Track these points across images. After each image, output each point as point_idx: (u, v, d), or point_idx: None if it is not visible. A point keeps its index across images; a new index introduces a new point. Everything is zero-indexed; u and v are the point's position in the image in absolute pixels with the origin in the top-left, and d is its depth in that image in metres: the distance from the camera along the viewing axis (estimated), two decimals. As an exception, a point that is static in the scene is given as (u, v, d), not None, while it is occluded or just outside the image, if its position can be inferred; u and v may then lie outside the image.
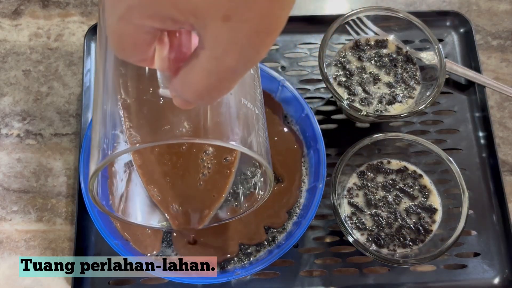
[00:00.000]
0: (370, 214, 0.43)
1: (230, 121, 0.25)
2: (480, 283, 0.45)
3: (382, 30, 0.49)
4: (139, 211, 0.37)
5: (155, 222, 0.37)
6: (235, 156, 0.35)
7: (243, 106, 0.26)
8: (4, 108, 0.52)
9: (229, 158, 0.35)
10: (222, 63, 0.19)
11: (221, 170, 0.35)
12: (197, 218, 0.36)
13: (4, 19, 0.55)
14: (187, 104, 0.21)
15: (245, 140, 0.26)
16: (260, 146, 0.27)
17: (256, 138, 0.27)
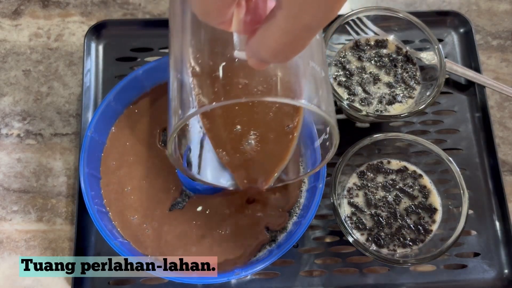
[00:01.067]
0: (370, 214, 0.43)
1: (299, 81, 0.27)
2: (480, 283, 0.45)
3: (382, 30, 0.49)
4: (210, 172, 0.39)
5: (224, 181, 0.39)
6: (298, 121, 0.36)
7: (311, 68, 0.28)
8: (4, 108, 0.52)
9: (291, 125, 0.36)
10: (298, 21, 0.20)
11: (285, 134, 0.36)
12: (262, 179, 0.38)
13: (4, 19, 0.55)
14: (261, 64, 0.23)
15: (313, 100, 0.27)
16: (327, 106, 0.28)
17: (323, 98, 0.28)
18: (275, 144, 0.37)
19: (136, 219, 0.43)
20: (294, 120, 0.36)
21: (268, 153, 0.37)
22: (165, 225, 0.43)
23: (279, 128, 0.36)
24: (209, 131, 0.37)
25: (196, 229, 0.43)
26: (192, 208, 0.44)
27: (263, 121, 0.36)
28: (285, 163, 0.37)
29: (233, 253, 0.43)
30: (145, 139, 0.46)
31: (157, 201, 0.44)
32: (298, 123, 0.36)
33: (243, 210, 0.44)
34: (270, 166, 0.38)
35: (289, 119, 0.36)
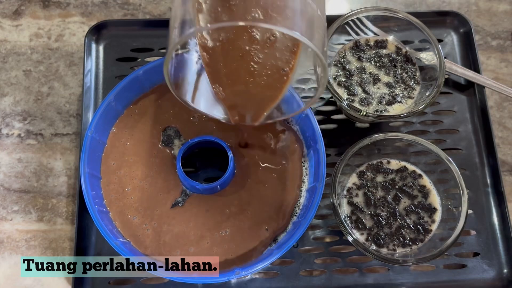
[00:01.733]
0: (370, 214, 0.43)
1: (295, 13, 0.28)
2: (480, 282, 0.45)
3: (381, 31, 0.49)
4: (203, 102, 0.41)
5: (217, 113, 0.40)
6: (294, 65, 0.37)
7: (308, 5, 0.30)
8: (5, 108, 0.52)
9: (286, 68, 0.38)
10: None
11: (280, 75, 0.38)
12: (253, 115, 0.39)
13: (4, 19, 0.55)
14: None
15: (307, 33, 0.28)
16: (319, 43, 0.29)
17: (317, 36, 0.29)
18: (269, 83, 0.38)
19: (136, 219, 0.44)
20: (290, 63, 0.37)
21: (261, 92, 0.38)
22: (164, 225, 0.43)
23: (275, 68, 0.37)
24: (208, 66, 0.38)
25: (196, 229, 0.43)
26: (192, 208, 0.44)
27: (261, 60, 0.37)
28: (276, 103, 0.39)
29: (233, 253, 0.43)
30: (145, 139, 0.46)
31: (157, 201, 0.44)
32: (293, 66, 0.37)
33: (244, 211, 0.44)
34: (262, 104, 0.39)
35: (285, 61, 0.37)
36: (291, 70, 0.37)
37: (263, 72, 0.38)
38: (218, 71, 0.38)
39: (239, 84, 0.39)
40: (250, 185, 0.45)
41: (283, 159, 0.46)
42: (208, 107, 0.40)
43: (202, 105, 0.40)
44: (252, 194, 0.45)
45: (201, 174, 0.48)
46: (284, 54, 0.37)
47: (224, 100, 0.39)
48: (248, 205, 0.44)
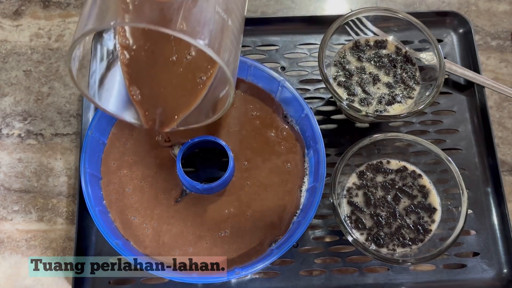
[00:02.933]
0: (370, 214, 0.43)
1: (200, 22, 0.28)
2: (480, 282, 0.45)
3: (381, 31, 0.49)
4: (114, 102, 0.39)
5: (128, 117, 0.39)
6: (211, 74, 0.37)
7: (217, 14, 0.29)
8: (5, 108, 0.52)
9: (204, 77, 0.37)
10: None
11: (196, 84, 0.38)
12: (167, 121, 0.39)
13: (5, 19, 0.55)
14: None
15: (212, 44, 0.28)
16: (225, 53, 0.29)
17: (224, 47, 0.29)
18: (186, 90, 0.38)
19: (136, 219, 0.44)
20: (208, 72, 0.37)
21: (177, 99, 0.38)
22: (164, 225, 0.43)
23: (193, 77, 0.37)
24: (127, 66, 0.37)
25: (195, 229, 0.43)
26: (191, 208, 0.44)
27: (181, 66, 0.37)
28: (190, 110, 0.38)
29: (233, 253, 0.43)
30: (145, 139, 0.46)
31: (157, 201, 0.44)
32: (211, 76, 0.37)
33: (243, 211, 0.44)
34: (177, 110, 0.38)
35: (203, 70, 0.37)
36: (209, 79, 0.37)
37: (182, 78, 0.38)
38: (137, 73, 0.38)
39: (158, 88, 0.38)
40: (250, 185, 0.45)
41: (284, 160, 0.46)
42: (118, 108, 0.39)
43: (111, 106, 0.38)
44: (252, 195, 0.45)
45: (201, 174, 0.48)
46: (204, 63, 0.37)
47: (140, 104, 0.38)
48: (248, 206, 0.44)
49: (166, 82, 0.38)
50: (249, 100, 0.48)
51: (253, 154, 0.46)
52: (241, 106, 0.47)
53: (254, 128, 0.47)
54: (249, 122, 0.47)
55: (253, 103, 0.47)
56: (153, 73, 0.38)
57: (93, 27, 0.28)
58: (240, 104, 0.47)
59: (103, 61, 0.38)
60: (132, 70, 0.38)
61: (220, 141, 0.44)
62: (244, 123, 0.47)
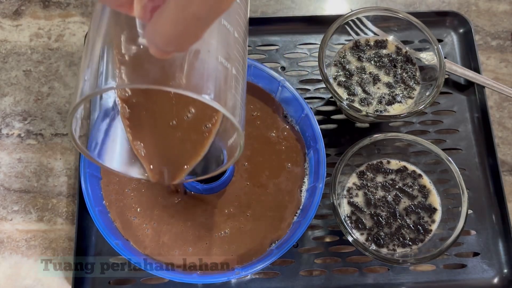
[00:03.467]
0: (370, 214, 0.43)
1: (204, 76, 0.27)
2: (480, 282, 0.45)
3: (381, 31, 0.49)
4: (118, 159, 0.38)
5: (134, 173, 0.38)
6: (216, 120, 0.37)
7: (220, 64, 0.28)
8: (5, 108, 0.52)
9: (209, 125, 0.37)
10: (186, 10, 0.20)
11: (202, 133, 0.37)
12: (175, 173, 0.38)
13: (4, 19, 0.55)
14: (161, 53, 0.23)
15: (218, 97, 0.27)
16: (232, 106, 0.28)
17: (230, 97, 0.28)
18: (192, 141, 0.37)
19: (136, 219, 0.44)
20: (212, 119, 0.36)
21: (183, 150, 0.37)
22: (164, 225, 0.43)
23: (198, 126, 0.36)
24: (128, 120, 0.37)
25: (195, 229, 0.43)
26: (191, 208, 0.44)
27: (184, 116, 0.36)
28: (197, 160, 0.37)
29: (233, 253, 0.43)
30: None
31: (157, 202, 0.44)
32: (216, 122, 0.36)
33: (243, 211, 0.44)
34: (183, 162, 0.37)
35: (207, 117, 0.36)
36: (214, 126, 0.36)
37: (186, 129, 0.37)
38: (139, 127, 0.37)
39: (162, 141, 0.37)
40: (250, 185, 0.45)
41: (284, 160, 0.46)
42: (123, 165, 0.38)
43: (115, 163, 0.37)
44: (252, 195, 0.45)
45: (201, 174, 0.48)
46: (208, 111, 0.36)
47: (145, 158, 0.37)
48: (248, 206, 0.44)
49: (170, 135, 0.37)
50: (249, 100, 0.47)
51: (253, 154, 0.46)
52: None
53: (254, 128, 0.47)
54: (249, 122, 0.47)
55: (253, 103, 0.47)
56: (156, 126, 0.37)
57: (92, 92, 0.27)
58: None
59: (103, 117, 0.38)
60: (134, 124, 0.37)
61: None
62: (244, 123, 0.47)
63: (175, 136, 0.37)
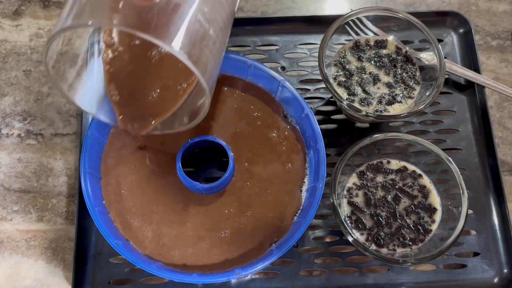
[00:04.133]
0: (370, 214, 0.43)
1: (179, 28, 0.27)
2: (480, 282, 0.45)
3: (381, 31, 0.49)
4: (90, 100, 0.38)
5: (102, 116, 0.38)
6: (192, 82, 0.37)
7: (197, 22, 0.29)
8: (5, 108, 0.52)
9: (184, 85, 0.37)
10: None
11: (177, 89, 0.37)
12: (142, 124, 0.38)
13: (4, 19, 0.55)
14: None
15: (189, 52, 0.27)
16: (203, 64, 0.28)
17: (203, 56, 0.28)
18: (166, 95, 0.38)
19: (136, 222, 0.44)
20: (189, 79, 0.37)
21: (156, 102, 0.38)
22: (164, 226, 0.43)
23: (174, 83, 0.37)
24: (109, 65, 0.37)
25: (195, 230, 0.43)
26: (191, 208, 0.44)
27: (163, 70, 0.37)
28: (167, 116, 0.38)
29: (233, 253, 0.43)
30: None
31: (157, 202, 0.44)
32: (192, 83, 0.37)
33: (243, 212, 0.44)
34: (154, 115, 0.38)
35: (185, 77, 0.37)
36: (189, 86, 0.37)
37: (162, 82, 0.37)
38: (118, 74, 0.37)
39: (137, 90, 0.38)
40: (250, 185, 0.45)
41: (284, 160, 0.46)
42: (94, 105, 0.38)
43: (87, 102, 0.38)
44: (252, 195, 0.45)
45: (201, 174, 0.48)
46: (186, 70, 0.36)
47: (117, 104, 0.38)
48: (248, 206, 0.44)
49: (146, 86, 0.38)
50: (249, 100, 0.47)
51: (253, 154, 0.46)
52: (241, 106, 0.47)
53: (254, 128, 0.47)
54: (249, 122, 0.47)
55: (253, 103, 0.47)
56: (134, 75, 0.38)
57: (70, 25, 0.28)
58: (240, 104, 0.47)
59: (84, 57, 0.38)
60: (114, 69, 0.37)
61: (220, 141, 0.44)
62: (244, 123, 0.47)
63: (151, 89, 0.37)
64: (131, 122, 0.38)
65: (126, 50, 0.37)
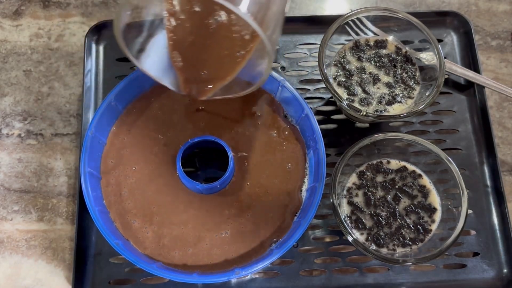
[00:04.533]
0: (370, 214, 0.43)
1: None
2: (480, 282, 0.45)
3: (381, 31, 0.49)
4: (155, 66, 0.40)
5: (166, 81, 0.40)
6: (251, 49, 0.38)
7: None
8: (5, 108, 0.52)
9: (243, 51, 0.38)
10: None
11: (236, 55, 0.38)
12: (203, 89, 0.40)
13: (4, 19, 0.55)
14: None
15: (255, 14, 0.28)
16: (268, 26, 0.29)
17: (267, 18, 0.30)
18: (225, 62, 0.39)
19: (136, 223, 0.43)
20: (247, 47, 0.38)
21: (217, 68, 0.39)
22: (164, 227, 0.43)
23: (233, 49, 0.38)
24: (171, 32, 0.39)
25: (195, 230, 0.43)
26: (191, 208, 0.44)
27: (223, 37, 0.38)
28: (225, 83, 0.39)
29: (233, 253, 0.43)
30: (145, 139, 0.46)
31: (157, 204, 0.44)
32: (250, 50, 0.38)
33: (243, 212, 0.44)
34: (215, 81, 0.40)
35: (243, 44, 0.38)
36: (248, 53, 0.38)
37: (222, 49, 0.38)
38: (181, 40, 0.39)
39: (199, 56, 0.39)
40: (250, 186, 0.45)
41: (284, 160, 0.46)
42: (159, 73, 0.40)
43: (153, 68, 0.40)
44: (252, 195, 0.45)
45: (201, 174, 0.48)
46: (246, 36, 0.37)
47: (180, 70, 0.40)
48: (248, 206, 0.44)
49: (207, 52, 0.39)
50: (249, 100, 0.47)
51: (253, 154, 0.46)
52: (241, 106, 0.47)
53: (254, 128, 0.47)
54: (249, 122, 0.47)
55: (253, 103, 0.47)
56: (196, 41, 0.39)
57: None
58: (240, 104, 0.47)
59: (149, 26, 0.40)
60: (177, 37, 0.39)
61: (220, 141, 0.44)
62: (244, 123, 0.47)
63: (212, 55, 0.39)
64: (193, 87, 0.40)
65: (187, 17, 0.38)
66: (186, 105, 0.47)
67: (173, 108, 0.47)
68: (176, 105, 0.47)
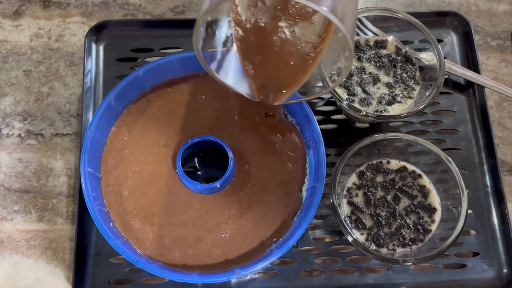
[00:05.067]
0: (370, 214, 0.43)
1: None
2: (480, 282, 0.45)
3: (381, 31, 0.49)
4: (231, 76, 0.42)
5: (242, 88, 0.41)
6: (321, 50, 0.39)
7: None
8: (5, 108, 0.52)
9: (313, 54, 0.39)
10: None
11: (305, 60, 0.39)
12: (278, 95, 0.41)
13: (5, 19, 0.55)
14: None
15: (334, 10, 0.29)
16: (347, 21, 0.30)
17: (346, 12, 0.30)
18: (297, 66, 0.39)
19: (136, 224, 0.43)
20: (317, 48, 0.38)
21: (288, 73, 0.40)
22: (165, 227, 0.43)
23: (304, 51, 0.39)
24: (240, 41, 0.39)
25: (195, 231, 0.43)
26: (191, 209, 0.44)
27: (292, 42, 0.39)
28: (298, 87, 0.40)
29: (233, 253, 0.43)
30: (144, 140, 0.46)
31: (158, 205, 0.44)
32: (321, 51, 0.38)
33: (244, 212, 0.44)
34: (287, 86, 0.40)
35: (313, 47, 0.38)
36: (319, 54, 0.38)
37: (292, 53, 0.39)
38: (250, 48, 0.40)
39: (269, 63, 0.40)
40: (250, 186, 0.45)
41: (284, 160, 0.46)
42: (235, 80, 0.41)
43: (230, 78, 0.41)
44: (253, 196, 0.45)
45: (201, 174, 0.48)
46: (313, 38, 0.38)
47: (253, 78, 0.40)
48: (248, 207, 0.44)
49: (276, 59, 0.40)
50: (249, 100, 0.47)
51: (253, 154, 0.46)
52: (241, 106, 0.47)
53: (254, 128, 0.47)
54: (249, 122, 0.47)
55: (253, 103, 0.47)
56: (265, 48, 0.40)
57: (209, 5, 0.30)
58: (240, 104, 0.47)
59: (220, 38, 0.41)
60: (245, 45, 0.40)
61: (220, 141, 0.44)
62: (244, 123, 0.47)
63: (282, 61, 0.40)
64: (267, 94, 0.41)
65: (254, 24, 0.39)
66: (186, 105, 0.47)
67: (173, 108, 0.47)
68: (176, 105, 0.47)
